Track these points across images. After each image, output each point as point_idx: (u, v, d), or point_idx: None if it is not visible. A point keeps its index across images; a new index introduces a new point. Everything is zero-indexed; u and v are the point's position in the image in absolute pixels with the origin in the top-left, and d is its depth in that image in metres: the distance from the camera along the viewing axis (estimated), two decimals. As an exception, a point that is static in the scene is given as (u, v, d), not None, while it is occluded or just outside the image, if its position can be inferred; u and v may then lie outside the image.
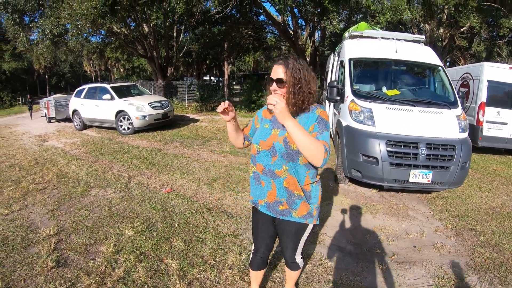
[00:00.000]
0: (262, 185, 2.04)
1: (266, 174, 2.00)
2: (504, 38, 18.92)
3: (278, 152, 1.94)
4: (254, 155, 2.05)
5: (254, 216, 2.23)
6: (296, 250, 2.18)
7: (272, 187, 2.00)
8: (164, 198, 4.85)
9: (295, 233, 2.10)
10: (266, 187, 2.03)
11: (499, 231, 4.08)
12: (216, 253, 3.33)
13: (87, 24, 11.46)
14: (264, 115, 2.11)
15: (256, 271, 2.34)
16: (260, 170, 2.02)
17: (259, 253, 2.27)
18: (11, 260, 3.25)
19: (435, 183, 4.68)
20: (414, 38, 6.39)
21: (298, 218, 2.02)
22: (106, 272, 3.01)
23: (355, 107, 5.04)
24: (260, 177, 2.04)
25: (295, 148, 1.88)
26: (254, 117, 2.21)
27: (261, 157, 2.00)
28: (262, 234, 2.20)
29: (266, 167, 1.99)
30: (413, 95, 5.50)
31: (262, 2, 15.86)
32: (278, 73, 1.89)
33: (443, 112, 4.98)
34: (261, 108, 2.24)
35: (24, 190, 5.26)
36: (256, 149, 2.02)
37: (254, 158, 2.06)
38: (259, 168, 2.03)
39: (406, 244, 3.71)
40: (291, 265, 2.27)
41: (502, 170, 7.08)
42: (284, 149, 1.92)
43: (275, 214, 2.06)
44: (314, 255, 3.38)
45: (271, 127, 2.01)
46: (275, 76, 1.89)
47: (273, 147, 1.95)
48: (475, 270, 3.23)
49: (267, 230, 2.18)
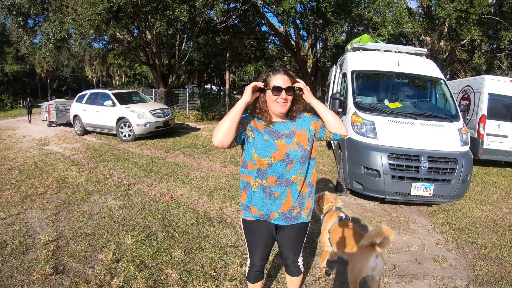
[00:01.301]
0: (276, 196, 2.00)
1: (281, 184, 1.98)
2: (505, 51, 19.07)
3: (295, 159, 1.96)
4: (264, 169, 1.96)
5: (254, 229, 2.12)
6: (300, 251, 2.22)
7: (287, 195, 2.00)
8: (164, 207, 4.83)
9: (302, 234, 2.15)
10: (281, 197, 2.00)
11: (500, 244, 4.07)
12: (216, 264, 3.30)
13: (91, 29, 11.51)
14: (256, 126, 2.00)
15: (255, 283, 2.31)
16: (273, 182, 1.98)
17: (256, 266, 2.21)
18: (9, 265, 3.22)
19: (436, 196, 4.67)
20: (416, 51, 6.44)
21: (306, 218, 2.10)
22: (105, 281, 2.98)
23: (357, 119, 5.06)
24: (273, 189, 1.99)
25: (308, 147, 2.01)
26: (242, 120, 1.97)
27: (274, 169, 1.96)
28: (263, 247, 2.15)
29: (281, 177, 1.97)
30: (415, 108, 5.53)
31: (265, 13, 16.01)
32: (285, 82, 1.91)
33: (445, 125, 5.00)
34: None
35: (23, 194, 5.24)
36: (267, 162, 1.94)
37: (263, 172, 1.97)
38: (271, 181, 1.97)
39: (407, 257, 3.69)
40: (294, 270, 2.23)
41: (503, 183, 7.08)
42: (301, 153, 1.98)
43: (290, 221, 2.05)
44: (315, 267, 3.36)
45: (271, 139, 1.97)
46: (283, 85, 1.90)
47: (287, 156, 1.95)
48: (476, 284, 3.21)
49: (268, 242, 2.15)
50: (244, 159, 2.02)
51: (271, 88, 1.90)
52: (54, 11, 13.90)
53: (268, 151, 1.94)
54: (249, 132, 1.98)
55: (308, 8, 14.62)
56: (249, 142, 1.97)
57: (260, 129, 1.99)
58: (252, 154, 1.95)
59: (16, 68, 35.72)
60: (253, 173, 1.99)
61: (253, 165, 1.97)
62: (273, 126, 2.01)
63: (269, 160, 1.94)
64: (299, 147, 1.98)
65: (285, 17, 12.01)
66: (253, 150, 1.95)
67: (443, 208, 5.25)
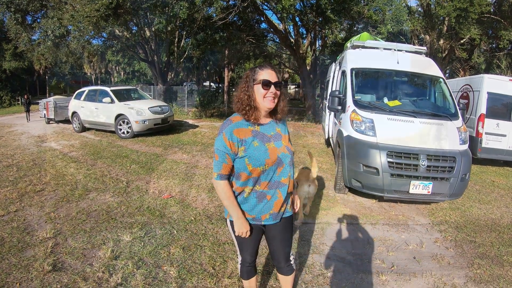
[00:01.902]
0: (267, 199, 2.01)
1: (272, 187, 2.00)
2: (504, 50, 19.07)
3: (285, 162, 2.00)
4: (257, 176, 1.95)
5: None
6: (291, 242, 2.27)
7: (278, 196, 2.02)
8: (163, 204, 4.82)
9: (289, 224, 2.21)
10: (272, 199, 2.01)
11: (498, 243, 4.08)
12: (215, 261, 3.30)
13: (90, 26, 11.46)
14: (241, 135, 1.91)
15: (249, 279, 2.33)
16: (265, 186, 1.99)
17: (247, 262, 2.24)
18: (7, 262, 3.21)
19: (435, 194, 4.67)
20: (415, 49, 6.42)
21: (290, 211, 2.20)
22: (104, 278, 2.97)
23: (356, 117, 5.05)
24: (265, 193, 2.00)
25: (293, 150, 2.11)
26: (227, 145, 1.89)
27: (267, 174, 1.97)
28: (254, 243, 2.17)
29: (272, 180, 1.99)
30: (414, 106, 5.52)
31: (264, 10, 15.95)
32: (274, 77, 1.91)
33: (444, 123, 4.99)
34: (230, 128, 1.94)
35: (21, 191, 5.22)
36: (261, 169, 1.93)
37: (257, 179, 1.96)
38: (263, 185, 1.98)
39: (406, 255, 3.70)
40: (287, 269, 2.25)
41: (501, 181, 7.10)
42: (290, 156, 2.04)
43: (279, 219, 2.10)
44: (313, 265, 3.36)
45: (261, 143, 1.94)
46: (273, 79, 1.90)
47: (279, 160, 1.97)
48: (474, 282, 3.22)
49: (258, 238, 2.18)
50: (236, 172, 1.98)
51: (261, 82, 1.89)
52: (53, 7, 13.84)
53: (262, 159, 1.91)
54: (239, 149, 1.91)
55: (307, 5, 14.59)
56: (241, 157, 1.92)
57: (248, 135, 1.92)
58: (246, 166, 1.92)
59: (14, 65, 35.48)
60: (249, 182, 1.98)
61: (247, 175, 1.95)
62: (260, 129, 1.98)
63: (264, 167, 1.93)
64: (288, 150, 2.04)
65: (285, 15, 11.98)
66: (246, 162, 1.91)
67: (441, 207, 5.25)
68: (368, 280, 3.16)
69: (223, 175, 1.94)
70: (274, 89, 1.90)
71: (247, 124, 1.95)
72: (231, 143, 1.88)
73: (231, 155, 1.91)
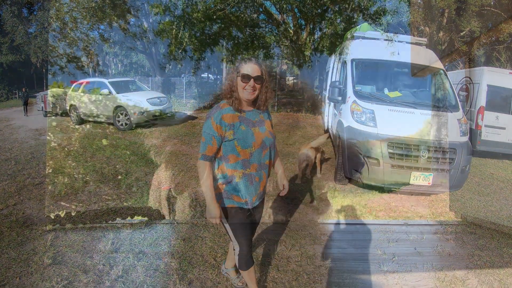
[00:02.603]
0: (256, 180, 2.16)
1: (260, 169, 2.16)
2: (503, 43, 18.99)
3: (268, 145, 2.18)
4: (247, 158, 2.09)
5: (237, 215, 2.21)
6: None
7: (263, 177, 2.21)
8: (162, 195, 4.81)
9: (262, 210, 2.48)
10: (259, 180, 2.18)
11: (498, 235, 4.08)
12: (216, 253, 3.30)
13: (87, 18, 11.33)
14: (229, 120, 2.06)
15: (249, 269, 2.35)
16: (255, 169, 2.13)
17: (245, 251, 2.27)
18: (6, 256, 3.19)
19: (435, 185, 4.67)
20: (416, 41, 6.38)
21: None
22: (104, 271, 2.96)
23: (357, 108, 5.02)
24: (254, 175, 2.14)
25: (274, 134, 2.28)
26: (214, 129, 2.06)
27: (254, 157, 2.11)
28: (249, 231, 2.29)
29: (259, 162, 2.14)
30: (414, 97, 5.49)
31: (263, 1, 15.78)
32: (255, 71, 2.03)
33: (444, 115, 4.97)
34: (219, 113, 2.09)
35: (20, 185, 5.19)
36: (249, 151, 2.09)
37: (246, 161, 2.10)
38: (253, 168, 2.13)
39: (407, 246, 3.70)
40: None
41: (500, 174, 7.10)
42: (272, 140, 2.22)
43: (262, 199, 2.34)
44: (315, 255, 3.36)
45: (248, 127, 2.10)
46: (253, 73, 2.02)
47: (263, 143, 2.14)
48: (475, 273, 3.22)
49: (251, 225, 2.31)
50: (225, 154, 2.11)
51: (241, 76, 2.04)
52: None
53: (250, 141, 2.08)
54: (227, 133, 2.07)
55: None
56: (230, 140, 2.07)
57: (236, 120, 2.09)
58: (235, 147, 2.07)
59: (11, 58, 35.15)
60: (238, 165, 2.10)
61: (236, 157, 2.08)
62: (245, 115, 2.14)
63: (251, 149, 2.09)
64: (271, 134, 2.22)
65: (284, 5, 11.86)
66: (235, 144, 2.06)
67: (441, 198, 5.25)
68: (370, 271, 3.16)
69: (207, 155, 2.11)
70: (253, 83, 2.04)
71: (233, 110, 2.11)
72: (219, 126, 2.06)
73: (217, 138, 2.07)
